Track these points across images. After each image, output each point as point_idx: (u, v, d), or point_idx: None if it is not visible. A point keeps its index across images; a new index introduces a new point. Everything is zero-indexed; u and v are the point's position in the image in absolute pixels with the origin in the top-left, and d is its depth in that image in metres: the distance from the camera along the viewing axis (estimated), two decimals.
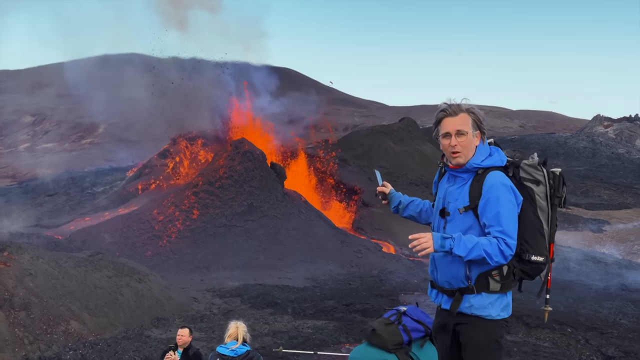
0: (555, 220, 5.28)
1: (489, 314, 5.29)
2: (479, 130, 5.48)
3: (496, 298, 5.30)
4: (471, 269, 5.30)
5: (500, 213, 5.17)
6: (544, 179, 5.27)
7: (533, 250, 5.20)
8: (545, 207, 5.24)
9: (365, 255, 37.17)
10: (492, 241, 5.11)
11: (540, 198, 5.23)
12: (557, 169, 5.31)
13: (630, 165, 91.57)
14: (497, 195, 5.20)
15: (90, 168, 73.96)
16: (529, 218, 5.22)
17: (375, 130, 69.99)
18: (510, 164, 5.39)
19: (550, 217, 5.26)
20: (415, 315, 5.32)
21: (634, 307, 27.76)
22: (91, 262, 23.41)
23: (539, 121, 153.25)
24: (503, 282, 5.27)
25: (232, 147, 43.39)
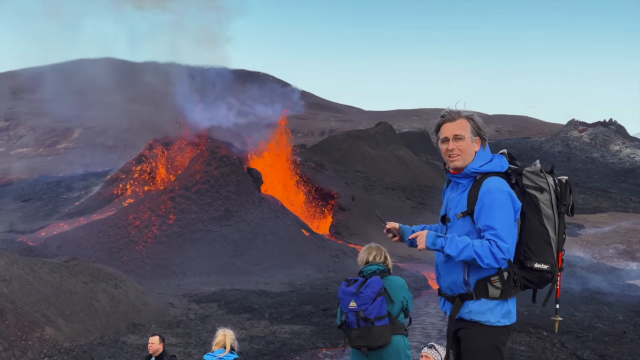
0: (563, 228, 5.24)
1: (488, 319, 5.30)
2: (479, 136, 5.49)
3: (495, 304, 5.30)
4: (470, 275, 5.33)
5: (494, 217, 5.18)
6: (548, 187, 5.24)
7: (536, 258, 5.19)
8: (551, 215, 5.21)
9: (342, 259, 37.20)
10: (484, 243, 5.13)
11: (545, 206, 5.20)
12: (564, 177, 5.26)
13: (604, 170, 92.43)
14: (492, 199, 5.21)
15: (66, 173, 73.46)
16: (533, 225, 5.20)
17: (352, 135, 70.19)
18: (512, 171, 5.38)
19: (558, 225, 5.22)
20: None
21: (609, 310, 27.96)
22: (66, 268, 23.24)
23: (515, 125, 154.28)
24: (503, 289, 5.27)
25: (208, 151, 43.28)
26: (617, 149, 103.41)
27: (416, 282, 33.69)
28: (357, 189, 53.31)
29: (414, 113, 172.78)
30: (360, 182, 55.54)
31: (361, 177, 57.43)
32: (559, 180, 5.26)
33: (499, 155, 5.50)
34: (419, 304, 28.52)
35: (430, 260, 40.34)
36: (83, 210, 48.22)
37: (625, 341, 22.28)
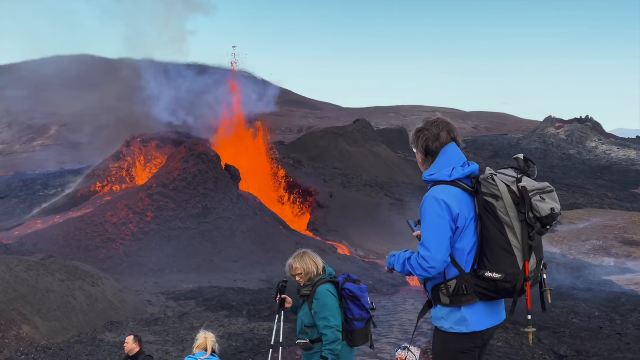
0: (525, 238, 5.11)
1: (443, 325, 5.34)
2: (424, 155, 5.57)
3: (449, 311, 5.31)
4: (427, 283, 5.41)
5: (423, 226, 5.25)
6: (500, 194, 5.14)
7: (490, 267, 5.14)
8: (510, 223, 5.11)
9: (321, 256, 37.17)
10: (414, 255, 5.27)
11: (502, 213, 5.11)
12: (521, 184, 5.11)
13: (581, 166, 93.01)
14: (424, 209, 5.27)
15: (42, 170, 72.99)
16: (490, 233, 5.15)
17: (330, 132, 70.18)
18: (473, 179, 5.32)
19: (521, 233, 5.11)
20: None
21: (585, 306, 28.16)
22: (43, 266, 23.10)
23: (492, 122, 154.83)
24: (451, 297, 5.26)
25: (186, 149, 43.13)
26: (593, 145, 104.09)
27: (394, 279, 33.79)
28: (335, 186, 53.34)
29: (392, 110, 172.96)
30: (339, 179, 55.56)
31: (339, 174, 57.46)
32: (517, 187, 5.12)
33: (464, 163, 5.43)
34: (396, 301, 28.61)
35: None
36: (60, 207, 47.94)
37: (602, 337, 22.46)
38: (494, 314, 5.37)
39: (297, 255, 8.33)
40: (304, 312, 7.95)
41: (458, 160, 5.43)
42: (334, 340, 7.53)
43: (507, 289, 5.17)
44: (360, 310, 7.82)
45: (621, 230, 50.97)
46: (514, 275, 5.12)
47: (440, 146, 5.52)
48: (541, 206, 5.04)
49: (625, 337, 22.44)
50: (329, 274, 8.18)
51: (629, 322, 25.46)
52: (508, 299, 5.32)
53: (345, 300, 7.84)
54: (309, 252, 8.39)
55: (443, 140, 5.52)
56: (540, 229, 5.09)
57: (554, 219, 5.08)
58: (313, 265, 8.27)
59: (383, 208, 49.61)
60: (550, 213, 5.04)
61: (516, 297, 5.23)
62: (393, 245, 43.52)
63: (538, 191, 5.09)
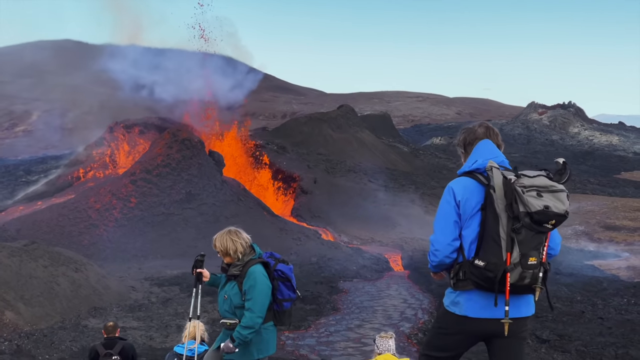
0: (509, 230, 5.20)
1: (444, 301, 5.58)
2: (463, 148, 5.85)
3: (450, 292, 5.51)
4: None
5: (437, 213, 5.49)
6: (495, 185, 5.28)
7: (480, 255, 5.27)
8: (499, 214, 5.24)
9: (304, 242, 37.25)
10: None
11: (496, 205, 5.24)
12: (511, 177, 5.23)
13: (564, 152, 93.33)
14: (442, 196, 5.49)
15: (24, 156, 72.61)
16: (487, 223, 5.28)
17: (314, 118, 70.10)
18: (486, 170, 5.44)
19: (506, 225, 5.21)
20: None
21: (568, 290, 28.32)
22: (26, 252, 23.02)
23: (476, 108, 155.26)
24: (454, 281, 5.43)
25: (169, 134, 42.99)
26: (576, 131, 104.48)
27: (378, 265, 33.87)
28: (319, 171, 53.34)
29: (376, 96, 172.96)
30: (322, 165, 55.58)
31: (323, 159, 57.46)
32: (508, 179, 5.22)
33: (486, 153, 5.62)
34: (380, 286, 28.71)
35: (392, 243, 40.58)
36: (42, 193, 47.75)
37: (584, 321, 22.62)
38: (493, 306, 5.38)
39: (220, 234, 8.17)
40: (234, 292, 7.81)
41: (488, 154, 5.57)
42: (249, 326, 7.48)
43: (490, 278, 5.25)
44: (289, 290, 7.87)
45: (603, 216, 51.29)
46: (495, 265, 5.21)
47: (475, 141, 5.74)
48: (532, 201, 5.09)
49: (607, 321, 22.61)
50: (259, 254, 8.09)
51: (610, 306, 25.64)
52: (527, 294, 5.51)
53: (276, 281, 7.83)
54: (234, 231, 8.20)
55: (479, 135, 5.75)
56: (531, 224, 5.13)
57: (547, 216, 5.10)
58: (232, 244, 8.10)
59: (367, 194, 49.69)
60: (542, 210, 5.07)
61: (497, 288, 5.28)
62: (377, 230, 43.64)
63: (537, 188, 5.14)
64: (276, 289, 7.83)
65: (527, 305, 5.55)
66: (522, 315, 5.53)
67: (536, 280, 5.29)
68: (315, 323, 20.92)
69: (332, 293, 26.16)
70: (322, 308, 23.27)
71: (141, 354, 16.25)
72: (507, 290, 5.26)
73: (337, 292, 26.65)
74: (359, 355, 16.53)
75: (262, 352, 7.76)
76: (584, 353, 18.46)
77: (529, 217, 5.11)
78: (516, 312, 5.47)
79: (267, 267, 7.92)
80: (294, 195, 49.27)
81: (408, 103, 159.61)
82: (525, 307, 5.55)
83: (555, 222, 5.15)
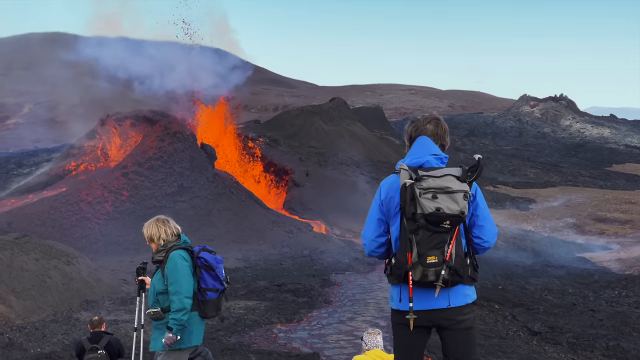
0: (405, 232, 5.40)
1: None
2: (408, 142, 5.89)
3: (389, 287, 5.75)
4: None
5: None
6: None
7: (396, 252, 5.55)
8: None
9: (297, 235, 37.26)
10: None
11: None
12: (407, 181, 5.37)
13: (555, 145, 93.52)
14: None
15: (16, 149, 72.40)
16: (402, 222, 5.50)
17: (306, 111, 70.04)
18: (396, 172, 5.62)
19: (406, 225, 5.40)
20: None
21: (559, 283, 28.43)
22: (17, 245, 22.97)
23: (468, 101, 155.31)
24: (386, 275, 5.66)
25: (161, 127, 42.91)
26: (567, 123, 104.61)
27: (370, 258, 33.87)
28: (311, 164, 53.31)
29: (368, 88, 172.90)
30: (314, 158, 55.53)
31: (315, 152, 57.41)
32: (404, 183, 5.36)
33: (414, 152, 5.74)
34: (372, 279, 28.75)
35: None
36: (34, 186, 47.61)
37: (575, 313, 22.70)
38: (428, 298, 5.53)
39: (149, 221, 8.20)
40: (157, 278, 7.84)
41: (425, 151, 5.66)
42: (180, 309, 7.46)
43: (399, 275, 5.47)
44: (214, 280, 7.81)
45: (595, 208, 51.41)
46: (399, 262, 5.45)
47: (416, 136, 5.81)
48: (425, 203, 5.26)
49: (598, 314, 22.70)
50: (184, 241, 8.11)
51: (601, 298, 25.74)
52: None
53: (200, 269, 7.79)
54: (162, 219, 8.26)
55: (422, 132, 5.81)
56: (427, 224, 5.28)
57: (440, 217, 5.25)
58: (156, 231, 8.12)
59: (359, 186, 49.69)
60: (434, 212, 5.23)
61: (401, 285, 5.56)
62: None
63: (434, 190, 5.28)
64: (199, 276, 7.78)
65: (455, 297, 5.59)
66: (443, 306, 5.59)
67: (438, 278, 5.34)
68: (308, 316, 20.94)
69: (324, 286, 26.19)
70: (314, 301, 23.29)
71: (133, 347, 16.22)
72: (410, 288, 5.42)
73: (330, 285, 26.68)
74: (351, 348, 16.56)
75: (185, 342, 7.71)
76: (575, 345, 18.54)
77: (424, 219, 5.26)
78: (435, 303, 5.55)
79: (190, 253, 7.93)
80: (286, 188, 49.25)
81: (400, 96, 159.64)
82: (454, 298, 5.59)
83: (450, 223, 5.28)
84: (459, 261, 5.42)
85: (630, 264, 33.90)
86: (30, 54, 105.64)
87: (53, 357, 14.68)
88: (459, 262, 5.41)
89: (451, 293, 5.53)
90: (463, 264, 5.46)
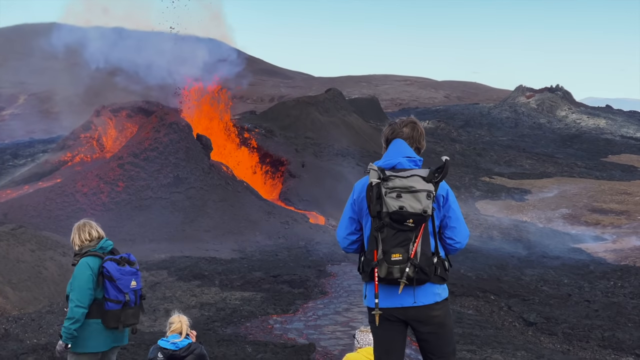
0: (373, 231, 5.58)
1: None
2: (385, 143, 6.09)
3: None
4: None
5: None
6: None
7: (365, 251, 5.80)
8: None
9: (292, 226, 37.28)
10: None
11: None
12: (373, 180, 5.59)
13: (551, 135, 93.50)
14: None
15: (11, 140, 72.31)
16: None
17: (302, 101, 69.94)
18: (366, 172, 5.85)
19: (371, 224, 5.63)
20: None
21: (554, 273, 28.49)
22: (13, 236, 22.97)
23: (464, 92, 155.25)
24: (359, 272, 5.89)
25: (157, 118, 42.86)
26: (563, 114, 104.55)
27: None
28: (307, 155, 53.28)
29: (363, 79, 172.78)
30: (310, 149, 55.50)
31: (311, 143, 57.39)
32: (370, 182, 5.61)
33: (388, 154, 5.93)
34: None
35: None
36: (30, 177, 47.57)
37: (570, 304, 22.76)
38: (395, 296, 5.67)
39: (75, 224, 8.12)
40: (69, 283, 7.78)
41: (398, 153, 5.83)
42: (69, 317, 7.39)
43: (367, 272, 5.67)
44: (116, 291, 7.65)
45: (590, 199, 51.48)
46: (367, 260, 5.66)
47: (392, 139, 5.99)
48: (389, 202, 5.47)
49: (593, 304, 22.76)
50: (100, 247, 7.93)
51: (597, 289, 25.81)
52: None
53: (103, 278, 7.68)
54: (84, 223, 8.17)
55: (398, 134, 5.99)
56: (391, 222, 5.48)
57: (403, 216, 5.44)
58: (73, 235, 8.12)
59: (355, 177, 49.68)
60: (397, 210, 5.42)
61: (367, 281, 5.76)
62: None
63: (399, 189, 5.48)
64: (101, 285, 7.69)
65: (423, 295, 5.70)
66: (412, 304, 5.71)
67: (402, 275, 5.48)
68: (303, 307, 20.96)
69: (320, 277, 26.19)
70: (310, 292, 23.31)
71: (129, 337, 16.25)
72: (375, 285, 5.59)
73: (325, 275, 26.69)
74: (347, 339, 16.57)
75: (81, 346, 7.61)
76: (571, 335, 18.59)
77: (389, 217, 5.46)
78: (405, 301, 5.69)
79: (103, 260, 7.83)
80: (282, 179, 49.24)
81: (396, 86, 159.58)
82: (422, 296, 5.70)
83: (413, 221, 5.45)
84: (425, 259, 5.52)
85: (625, 254, 34.00)
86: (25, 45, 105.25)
87: (49, 348, 14.67)
88: (424, 260, 5.52)
89: (417, 291, 5.64)
90: (429, 263, 5.56)
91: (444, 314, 5.78)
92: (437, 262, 5.63)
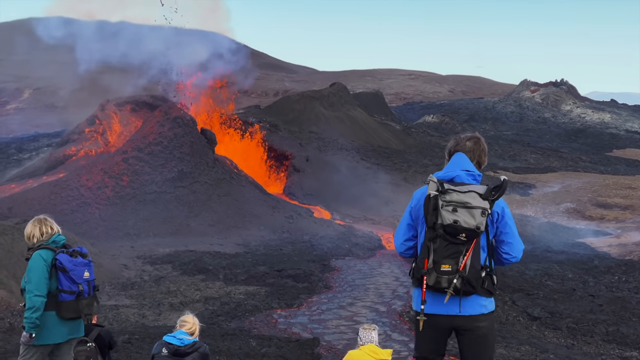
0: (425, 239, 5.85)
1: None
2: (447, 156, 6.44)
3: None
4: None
5: None
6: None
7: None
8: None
9: (297, 220, 37.29)
10: None
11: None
12: (432, 192, 5.83)
13: (555, 130, 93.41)
14: None
15: (16, 134, 72.44)
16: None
17: (306, 96, 69.88)
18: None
19: (425, 234, 5.90)
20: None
21: (559, 268, 28.46)
22: (18, 230, 22.98)
23: (468, 86, 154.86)
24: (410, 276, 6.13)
25: (161, 112, 42.85)
26: (568, 109, 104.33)
27: (370, 243, 33.88)
28: (312, 149, 53.25)
29: (368, 73, 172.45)
30: (315, 143, 55.45)
31: (315, 137, 57.34)
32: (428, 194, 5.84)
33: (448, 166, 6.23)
34: (372, 264, 28.78)
35: (384, 222, 40.63)
36: (34, 171, 47.63)
37: (575, 298, 22.75)
38: (442, 303, 5.89)
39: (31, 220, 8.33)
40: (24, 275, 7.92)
41: (458, 166, 6.09)
42: (29, 307, 7.59)
43: (417, 278, 5.92)
44: (69, 282, 7.83)
45: (595, 193, 51.40)
46: (417, 267, 5.92)
47: (454, 152, 6.32)
48: (445, 215, 5.68)
49: (598, 299, 22.76)
50: (52, 241, 8.09)
51: (601, 283, 25.79)
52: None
53: (56, 270, 7.81)
54: (41, 218, 8.39)
55: (461, 148, 6.31)
56: (444, 235, 5.71)
57: (456, 229, 5.65)
58: (29, 229, 8.29)
59: (359, 172, 49.72)
60: (452, 224, 5.64)
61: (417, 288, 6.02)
62: (369, 208, 43.67)
63: (455, 203, 5.68)
64: (54, 277, 7.84)
65: (469, 306, 5.89)
66: (456, 313, 5.91)
67: (449, 285, 5.70)
68: (308, 301, 21.00)
69: (324, 271, 26.21)
70: (314, 286, 23.33)
71: (134, 331, 16.31)
72: (423, 291, 5.84)
73: (330, 270, 26.71)
74: (351, 333, 16.61)
75: (38, 339, 7.78)
76: (575, 330, 18.60)
77: (443, 229, 5.68)
78: (449, 309, 5.90)
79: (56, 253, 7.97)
80: (287, 174, 49.26)
81: (400, 81, 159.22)
82: (468, 307, 5.90)
83: (466, 236, 5.66)
84: (473, 272, 5.73)
85: (630, 249, 33.93)
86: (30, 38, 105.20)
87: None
88: (472, 273, 5.72)
89: (463, 302, 5.83)
90: (477, 276, 5.76)
91: (489, 326, 5.98)
92: (485, 275, 5.81)
